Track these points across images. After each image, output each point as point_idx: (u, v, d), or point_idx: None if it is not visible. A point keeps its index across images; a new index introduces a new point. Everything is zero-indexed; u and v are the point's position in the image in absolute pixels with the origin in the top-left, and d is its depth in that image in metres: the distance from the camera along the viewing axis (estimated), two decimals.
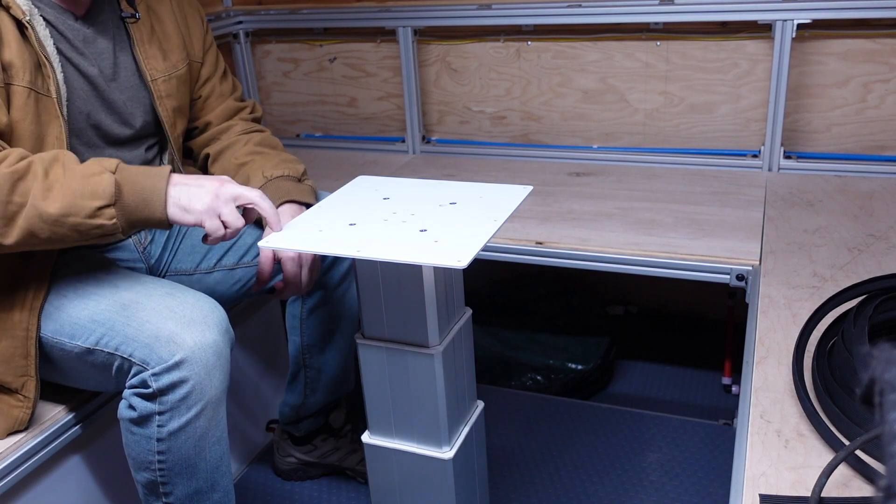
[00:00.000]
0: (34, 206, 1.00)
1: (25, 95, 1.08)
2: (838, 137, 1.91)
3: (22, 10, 1.08)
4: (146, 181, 1.05)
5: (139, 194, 1.04)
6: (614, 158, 2.08)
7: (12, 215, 1.00)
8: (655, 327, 2.29)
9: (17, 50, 1.07)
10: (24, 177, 1.00)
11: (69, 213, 1.01)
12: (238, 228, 1.08)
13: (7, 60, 1.06)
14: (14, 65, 1.07)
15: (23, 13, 1.08)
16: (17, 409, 1.15)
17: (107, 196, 1.02)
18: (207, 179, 1.09)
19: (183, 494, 1.13)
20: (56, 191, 1.01)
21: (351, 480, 1.69)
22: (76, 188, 1.01)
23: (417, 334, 1.13)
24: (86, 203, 1.01)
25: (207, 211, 1.06)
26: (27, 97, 1.08)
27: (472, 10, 2.05)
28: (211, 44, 1.44)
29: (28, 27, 1.08)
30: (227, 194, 1.07)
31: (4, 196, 0.99)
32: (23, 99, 1.08)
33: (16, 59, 1.07)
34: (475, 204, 1.14)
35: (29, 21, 1.08)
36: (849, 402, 0.96)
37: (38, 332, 1.13)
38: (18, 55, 1.07)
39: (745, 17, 1.84)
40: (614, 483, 1.65)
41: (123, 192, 1.03)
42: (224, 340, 1.10)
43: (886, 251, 1.45)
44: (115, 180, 1.02)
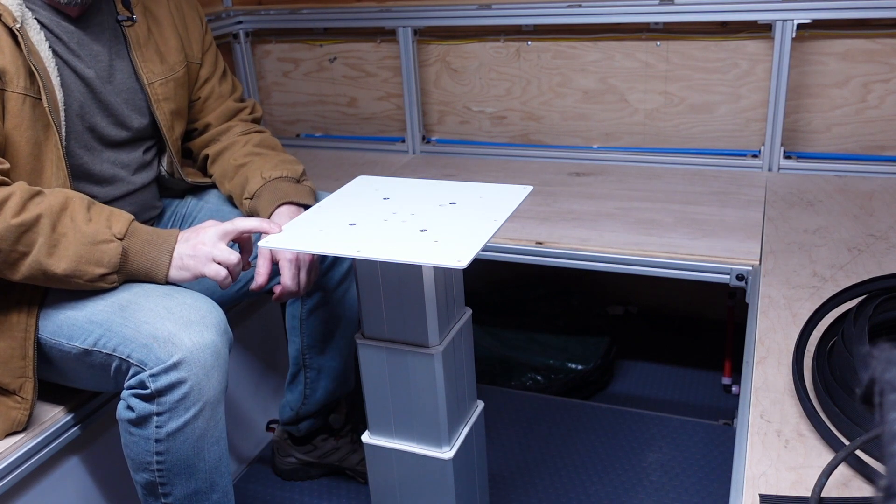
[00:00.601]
0: (38, 260, 1.05)
1: (21, 102, 1.08)
2: (838, 137, 1.91)
3: (13, 17, 1.07)
4: (151, 252, 1.11)
5: (143, 265, 1.11)
6: (614, 158, 2.08)
7: (15, 262, 1.05)
8: (655, 327, 2.29)
9: (10, 56, 1.07)
10: (30, 229, 1.04)
11: (73, 275, 1.06)
12: (235, 262, 1.13)
13: (1, 67, 1.06)
14: (8, 71, 1.07)
15: (13, 20, 1.07)
16: (14, 410, 1.15)
17: (112, 266, 1.08)
18: (192, 232, 1.13)
19: (182, 495, 1.13)
20: (62, 249, 1.05)
21: (351, 480, 1.69)
22: (83, 254, 1.06)
23: (417, 334, 1.12)
24: (91, 269, 1.07)
25: (200, 263, 1.11)
26: (23, 103, 1.08)
27: (472, 10, 2.05)
28: (210, 44, 1.43)
29: (19, 35, 1.07)
30: (208, 239, 1.12)
31: (9, 246, 1.03)
32: (18, 105, 1.07)
33: (9, 66, 1.07)
34: (475, 204, 1.14)
35: (20, 29, 1.07)
36: (849, 402, 0.96)
37: (37, 334, 1.13)
38: (12, 62, 1.07)
39: (745, 17, 1.84)
40: (614, 483, 1.65)
41: (129, 260, 1.10)
42: (222, 341, 1.10)
43: (886, 251, 1.45)
44: (122, 250, 1.08)
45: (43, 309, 1.15)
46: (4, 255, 1.03)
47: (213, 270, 1.12)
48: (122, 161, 1.30)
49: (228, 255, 1.12)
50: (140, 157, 1.33)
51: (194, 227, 1.16)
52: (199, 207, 1.44)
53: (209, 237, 1.13)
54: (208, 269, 1.12)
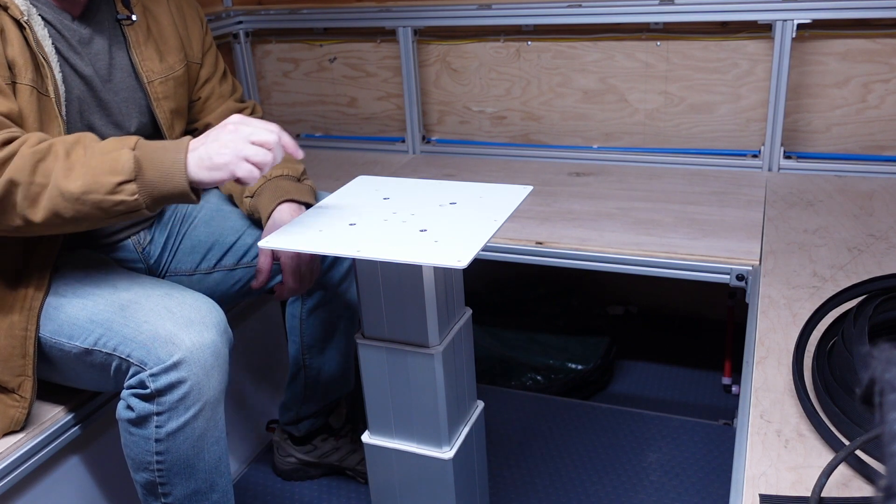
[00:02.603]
0: (56, 185, 1.00)
1: (28, 93, 1.08)
2: (838, 137, 1.91)
3: (20, 10, 1.08)
4: (165, 155, 1.02)
5: (159, 168, 1.01)
6: (614, 158, 2.08)
7: (35, 196, 1.00)
8: (655, 327, 2.29)
9: (19, 49, 1.08)
10: (45, 158, 1.00)
11: (90, 190, 1.00)
12: (269, 163, 1.03)
13: (10, 59, 1.07)
14: (17, 63, 1.07)
15: (21, 13, 1.08)
16: (13, 408, 1.15)
17: (126, 171, 1.00)
18: (218, 130, 1.04)
19: (182, 495, 1.13)
20: (77, 170, 1.00)
21: (351, 480, 1.69)
22: (95, 165, 1.00)
23: (417, 334, 1.12)
24: (106, 179, 1.00)
25: (233, 160, 1.01)
26: (30, 95, 1.09)
27: (472, 10, 2.05)
28: (210, 45, 1.43)
29: (26, 27, 1.08)
30: (244, 136, 1.03)
31: (27, 177, 1.00)
32: (26, 97, 1.08)
33: (18, 58, 1.07)
34: (475, 204, 1.14)
35: (27, 21, 1.08)
36: (849, 402, 0.96)
37: (38, 332, 1.13)
38: (21, 54, 1.08)
39: (745, 17, 1.84)
40: (614, 483, 1.65)
41: (143, 167, 1.01)
42: (222, 341, 1.10)
43: (886, 251, 1.45)
44: (134, 156, 1.01)
45: (44, 308, 1.15)
46: (24, 189, 1.00)
47: (247, 170, 1.02)
48: None
49: (263, 157, 1.02)
50: None
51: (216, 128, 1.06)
52: (199, 207, 1.43)
53: (242, 135, 1.03)
54: (242, 171, 1.02)
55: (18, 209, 1.01)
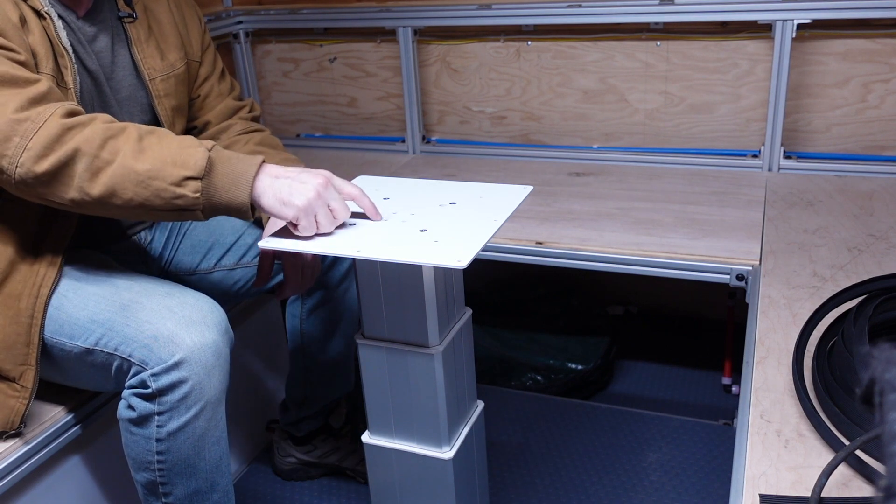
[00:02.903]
0: (123, 164, 0.99)
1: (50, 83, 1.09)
2: (838, 137, 1.91)
3: (40, 2, 1.10)
4: (238, 165, 1.03)
5: (228, 176, 1.02)
6: (614, 158, 2.08)
7: (98, 170, 1.00)
8: (655, 327, 2.29)
9: (39, 39, 1.09)
10: (116, 136, 1.00)
11: (156, 175, 0.99)
12: (328, 230, 1.04)
13: (33, 48, 1.08)
14: (38, 53, 1.09)
15: (41, 4, 1.10)
16: (13, 399, 1.14)
17: (197, 168, 1.00)
18: (310, 175, 1.05)
19: (182, 494, 1.13)
20: (148, 154, 1.00)
21: (351, 480, 1.69)
22: (168, 155, 1.00)
23: (417, 334, 1.13)
24: (175, 171, 1.00)
25: (306, 208, 1.01)
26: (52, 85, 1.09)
27: (472, 10, 2.05)
28: (209, 43, 1.44)
29: (47, 17, 1.10)
30: (329, 196, 1.04)
31: (94, 149, 0.99)
32: None
33: (39, 48, 1.09)
34: (475, 204, 1.14)
35: (47, 12, 1.10)
36: (849, 402, 0.96)
37: (44, 320, 1.13)
38: (41, 43, 1.09)
39: (745, 17, 1.84)
40: (614, 483, 1.65)
41: (215, 169, 1.01)
42: (223, 341, 1.10)
43: (886, 251, 1.45)
44: (209, 157, 1.01)
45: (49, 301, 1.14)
46: (88, 161, 0.99)
47: (308, 224, 1.02)
48: None
49: (341, 209, 1.04)
50: None
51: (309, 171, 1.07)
52: None
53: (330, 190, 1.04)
54: (305, 221, 1.02)
55: (77, 180, 1.00)
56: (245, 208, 1.02)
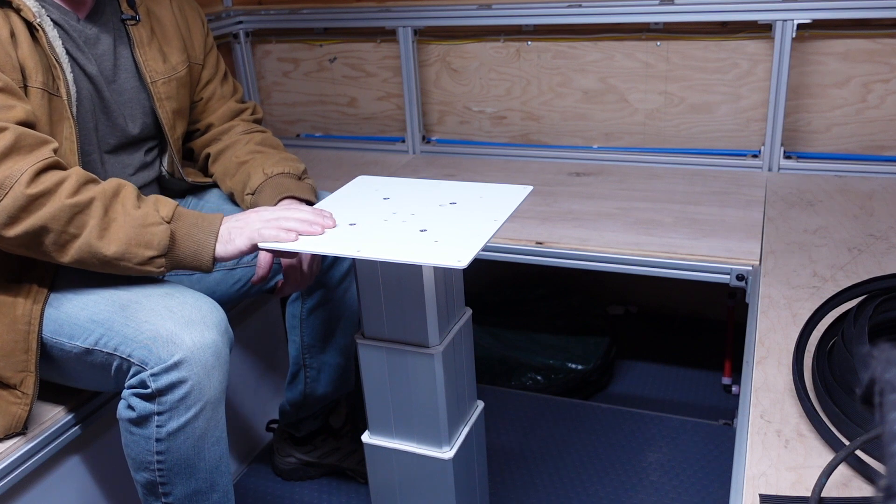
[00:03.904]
0: (89, 242, 1.05)
1: (40, 96, 1.09)
2: (838, 137, 1.91)
3: (32, 13, 1.09)
4: (198, 235, 1.09)
5: (190, 248, 1.09)
6: (614, 158, 2.08)
7: (65, 243, 1.05)
8: (655, 327, 2.29)
9: (28, 51, 1.08)
10: (83, 211, 1.04)
11: (123, 258, 1.06)
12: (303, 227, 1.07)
13: (22, 62, 1.07)
14: (27, 66, 1.08)
15: (33, 15, 1.09)
16: (14, 405, 1.15)
17: (160, 248, 1.07)
18: (250, 212, 1.13)
19: (182, 494, 1.13)
20: (112, 232, 1.05)
21: (351, 480, 1.69)
22: (133, 236, 1.06)
23: (417, 334, 1.12)
24: (140, 252, 1.06)
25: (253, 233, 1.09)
26: (41, 98, 1.09)
27: (472, 10, 2.05)
28: (212, 46, 1.44)
29: (39, 29, 1.09)
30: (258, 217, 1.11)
31: (61, 226, 1.03)
32: (37, 100, 1.09)
33: (28, 61, 1.08)
34: (475, 204, 1.14)
35: (39, 23, 1.09)
36: (849, 402, 0.96)
37: (41, 328, 1.13)
38: (31, 56, 1.08)
39: (745, 17, 1.84)
40: (614, 483, 1.65)
41: (177, 243, 1.08)
42: (223, 341, 1.10)
43: (886, 251, 1.45)
44: (170, 232, 1.07)
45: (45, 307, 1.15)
46: (55, 237, 1.03)
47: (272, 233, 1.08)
48: (122, 161, 1.30)
49: (277, 234, 1.08)
50: (141, 157, 1.34)
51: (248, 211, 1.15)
52: (199, 206, 1.44)
53: (269, 212, 1.12)
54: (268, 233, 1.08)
55: (45, 249, 1.05)
56: (208, 270, 1.12)
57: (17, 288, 1.13)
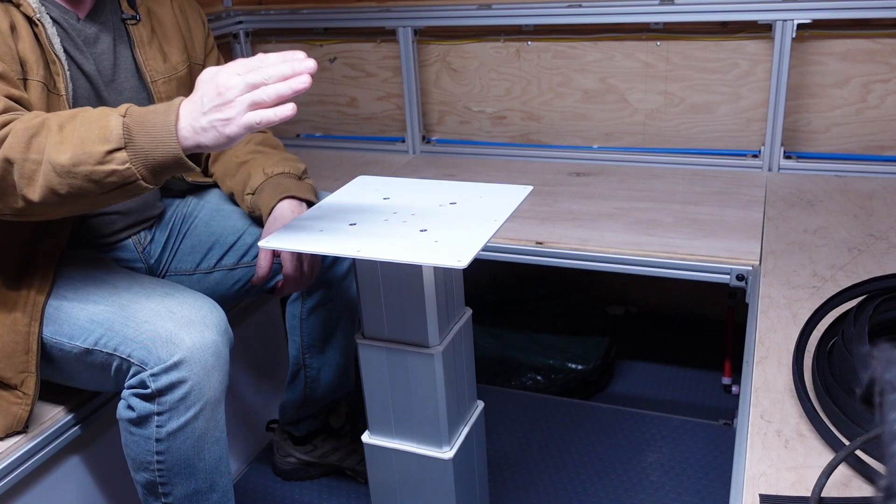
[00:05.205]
0: (49, 160, 0.94)
1: (39, 90, 1.09)
2: (838, 137, 1.91)
3: (33, 8, 1.09)
4: (156, 118, 0.95)
5: (150, 133, 0.94)
6: (614, 158, 2.08)
7: (31, 173, 0.96)
8: (655, 327, 2.29)
9: (29, 46, 1.08)
10: (38, 133, 0.96)
11: (79, 161, 0.94)
12: (280, 95, 0.93)
13: (22, 55, 1.07)
14: (28, 60, 1.08)
15: (34, 11, 1.09)
16: (15, 405, 1.15)
17: (115, 139, 0.93)
18: (215, 84, 0.96)
19: (182, 495, 1.13)
20: (67, 141, 0.95)
21: (351, 480, 1.69)
22: (84, 135, 0.94)
23: (417, 334, 1.12)
24: (95, 148, 0.93)
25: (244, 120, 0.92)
26: (41, 92, 1.09)
27: (472, 10, 2.05)
28: (212, 47, 1.44)
29: (39, 24, 1.09)
30: (247, 77, 0.95)
31: (21, 154, 0.95)
32: (37, 94, 1.09)
33: (29, 55, 1.08)
34: (475, 204, 1.14)
35: (39, 19, 1.09)
36: (849, 402, 0.96)
37: (41, 329, 1.13)
38: (32, 51, 1.08)
39: (745, 17, 1.84)
40: (614, 483, 1.65)
41: (133, 132, 0.94)
42: (223, 341, 1.10)
43: (886, 251, 1.45)
44: (123, 122, 0.94)
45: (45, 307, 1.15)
46: (20, 168, 0.96)
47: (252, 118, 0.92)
48: None
49: (264, 94, 0.92)
50: None
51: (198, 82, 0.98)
52: (199, 206, 1.44)
53: (223, 74, 0.95)
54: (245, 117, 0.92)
55: (17, 188, 0.97)
56: (182, 161, 0.95)
57: (18, 289, 1.13)
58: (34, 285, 1.13)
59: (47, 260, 1.14)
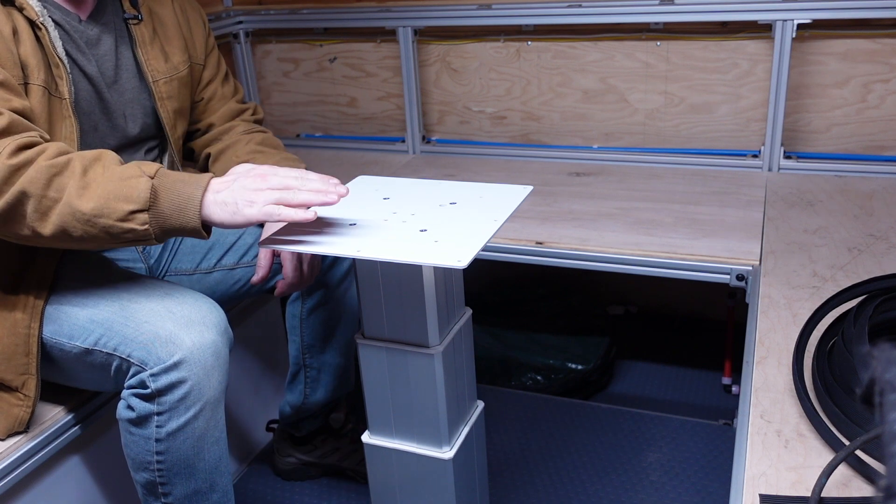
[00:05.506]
0: (69, 203, 0.98)
1: (41, 94, 1.09)
2: (838, 137, 1.91)
3: (35, 12, 1.09)
4: (184, 189, 1.00)
5: (175, 202, 0.99)
6: (614, 158, 2.08)
7: (46, 210, 0.99)
8: (655, 327, 2.29)
9: (31, 49, 1.08)
10: (61, 172, 0.98)
11: (101, 213, 0.98)
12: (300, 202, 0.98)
13: (23, 59, 1.07)
14: (29, 64, 1.08)
15: (36, 14, 1.09)
16: (16, 407, 1.15)
17: (141, 201, 0.98)
18: (248, 178, 1.00)
19: (182, 495, 1.13)
20: (92, 190, 0.98)
21: (351, 480, 1.69)
22: (112, 190, 0.98)
23: (417, 334, 1.12)
24: (119, 206, 0.98)
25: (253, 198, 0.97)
26: (42, 96, 1.09)
27: (472, 10, 2.05)
28: (213, 47, 1.44)
29: (42, 28, 1.09)
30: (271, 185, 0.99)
31: (40, 190, 0.98)
32: (38, 97, 1.09)
33: (31, 59, 1.08)
34: (475, 204, 1.14)
35: (42, 22, 1.09)
36: (849, 402, 0.96)
37: (41, 331, 1.13)
38: (33, 55, 1.08)
39: (745, 17, 1.84)
40: (614, 483, 1.65)
41: (160, 197, 0.99)
42: (223, 341, 1.10)
43: (886, 251, 1.45)
44: (152, 185, 0.99)
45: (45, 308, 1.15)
46: (36, 203, 0.98)
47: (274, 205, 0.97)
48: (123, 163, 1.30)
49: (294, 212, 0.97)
50: (141, 157, 1.33)
51: None
52: None
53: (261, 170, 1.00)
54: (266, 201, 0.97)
55: (28, 220, 1.00)
56: (197, 231, 1.00)
57: (18, 291, 1.13)
58: (34, 286, 1.13)
59: (47, 261, 1.14)
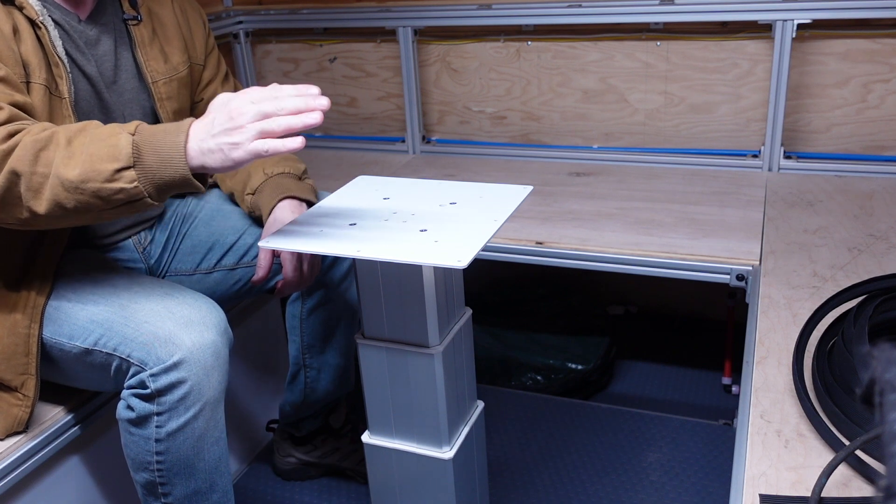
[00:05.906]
0: (56, 175, 0.95)
1: (42, 93, 1.09)
2: (838, 137, 1.91)
3: (35, 11, 1.09)
4: (165, 138, 0.96)
5: (159, 153, 0.95)
6: (614, 158, 2.08)
7: (38, 186, 0.97)
8: (655, 327, 2.29)
9: (32, 48, 1.08)
10: (46, 146, 0.97)
11: (88, 178, 0.95)
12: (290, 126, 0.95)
13: (25, 58, 1.07)
14: (31, 63, 1.08)
15: (36, 13, 1.09)
16: (16, 407, 1.15)
17: (124, 157, 0.94)
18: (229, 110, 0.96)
19: (182, 495, 1.13)
20: (76, 157, 0.96)
21: (351, 480, 1.69)
22: (94, 152, 0.95)
23: (417, 334, 1.12)
24: (104, 166, 0.94)
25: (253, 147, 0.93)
26: (43, 95, 1.09)
27: (472, 10, 2.05)
28: (213, 47, 1.44)
29: (42, 27, 1.09)
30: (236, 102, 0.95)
31: (28, 167, 0.96)
32: (39, 96, 1.09)
33: (32, 57, 1.08)
34: (475, 204, 1.14)
35: (42, 21, 1.09)
36: (849, 402, 0.96)
37: (41, 331, 1.13)
38: (34, 54, 1.08)
39: (745, 17, 1.84)
40: (614, 483, 1.65)
41: (143, 152, 0.95)
42: (222, 341, 1.10)
43: (886, 251, 1.45)
44: (133, 140, 0.95)
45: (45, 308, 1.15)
46: (27, 180, 0.97)
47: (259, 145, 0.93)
48: None
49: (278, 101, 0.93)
50: None
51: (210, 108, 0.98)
52: (200, 207, 1.44)
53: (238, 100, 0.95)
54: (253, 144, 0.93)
55: (23, 200, 0.98)
56: (189, 180, 0.96)
57: (18, 290, 1.13)
58: (34, 287, 1.13)
59: (47, 261, 1.14)
